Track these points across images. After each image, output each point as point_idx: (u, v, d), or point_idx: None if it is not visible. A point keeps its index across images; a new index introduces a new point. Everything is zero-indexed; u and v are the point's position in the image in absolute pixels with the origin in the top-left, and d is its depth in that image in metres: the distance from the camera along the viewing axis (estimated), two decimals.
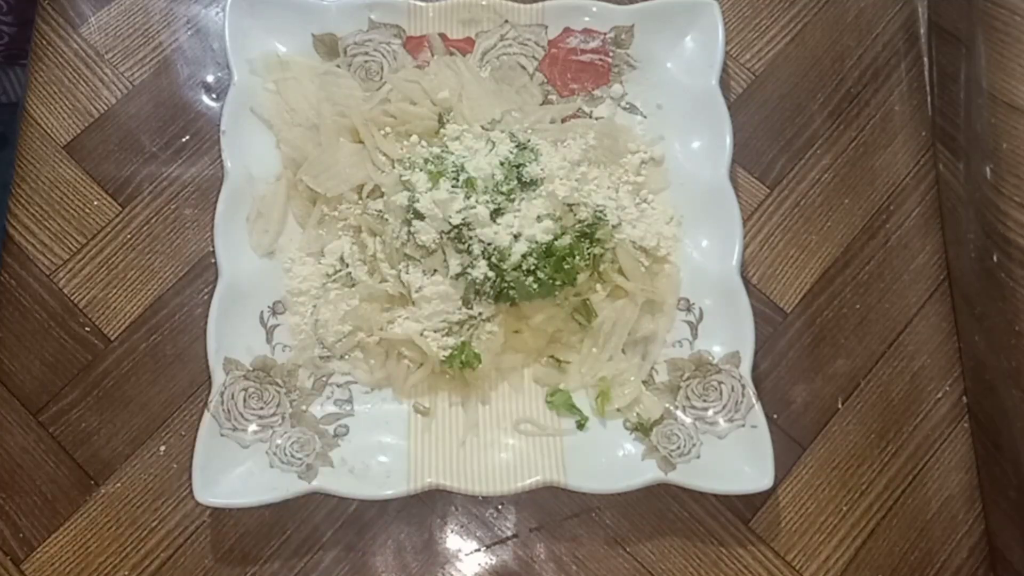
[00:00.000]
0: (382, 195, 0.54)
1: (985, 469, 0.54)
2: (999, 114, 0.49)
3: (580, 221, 0.53)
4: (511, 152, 0.53)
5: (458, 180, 0.51)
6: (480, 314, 0.52)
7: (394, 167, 0.54)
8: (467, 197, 0.51)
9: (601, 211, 0.54)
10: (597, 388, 0.53)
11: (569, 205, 0.53)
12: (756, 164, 0.59)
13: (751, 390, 0.51)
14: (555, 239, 0.51)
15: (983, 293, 0.52)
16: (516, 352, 0.53)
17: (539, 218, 0.51)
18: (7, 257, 0.56)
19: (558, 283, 0.51)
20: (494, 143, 0.53)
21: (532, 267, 0.51)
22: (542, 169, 0.52)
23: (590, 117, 0.58)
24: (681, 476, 0.50)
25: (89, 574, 0.51)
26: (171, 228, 0.57)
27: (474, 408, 0.53)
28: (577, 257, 0.51)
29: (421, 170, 0.52)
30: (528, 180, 0.52)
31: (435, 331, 0.52)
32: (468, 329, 0.52)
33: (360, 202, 0.55)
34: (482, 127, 0.56)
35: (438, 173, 0.51)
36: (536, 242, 0.51)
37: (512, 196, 0.52)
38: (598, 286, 0.53)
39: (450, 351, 0.52)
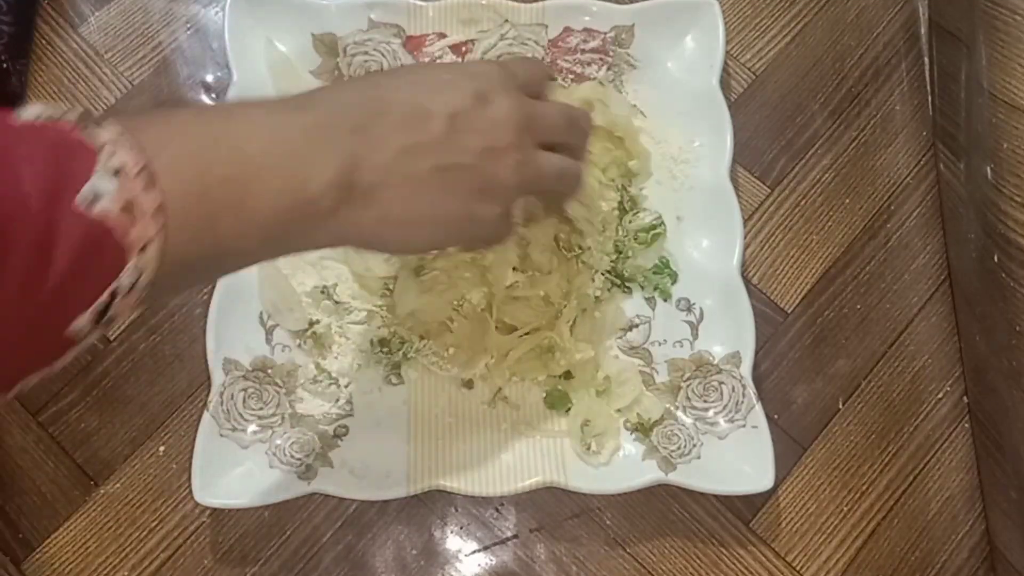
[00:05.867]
0: None
1: (985, 469, 0.53)
2: (1000, 114, 0.49)
3: None
4: None
5: None
6: None
7: None
8: None
9: None
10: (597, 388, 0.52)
11: None
12: (757, 164, 0.59)
13: (752, 390, 0.51)
14: None
15: (984, 293, 0.52)
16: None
17: None
18: None
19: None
20: None
21: None
22: None
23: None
24: (681, 476, 0.50)
25: (89, 574, 0.51)
26: None
27: (474, 408, 0.53)
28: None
29: None
30: None
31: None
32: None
33: None
34: None
35: None
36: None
37: None
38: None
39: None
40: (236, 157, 0.31)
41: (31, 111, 0.28)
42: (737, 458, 0.50)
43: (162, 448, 0.53)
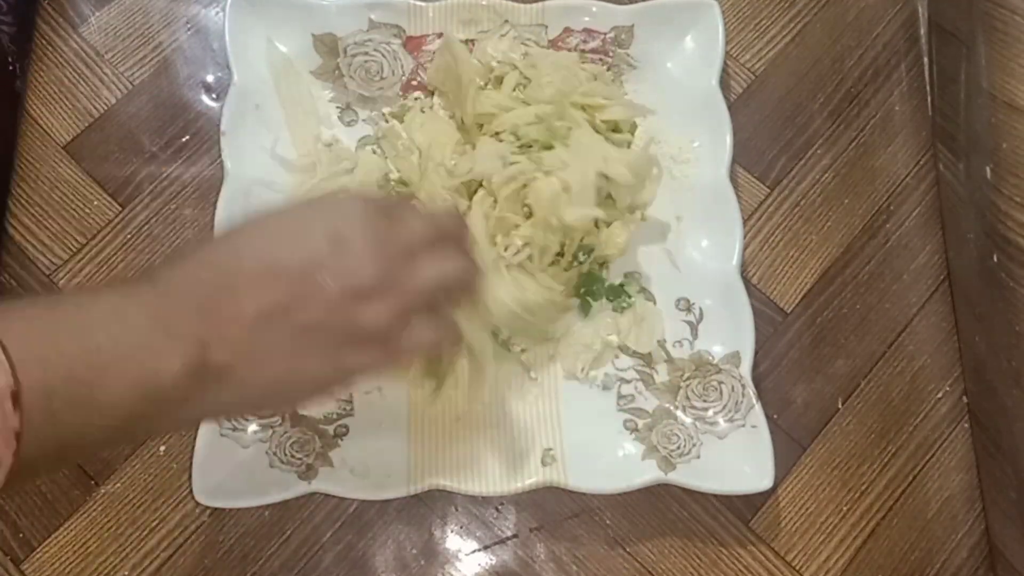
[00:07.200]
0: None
1: (985, 469, 0.54)
2: (999, 114, 0.49)
3: None
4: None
5: None
6: None
7: None
8: None
9: None
10: None
11: None
12: (756, 164, 0.59)
13: (751, 390, 0.51)
14: None
15: (983, 293, 0.52)
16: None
17: None
18: (7, 257, 0.56)
19: None
20: None
21: None
22: None
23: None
24: (681, 476, 0.50)
25: (89, 574, 0.51)
26: (171, 228, 0.57)
27: (474, 408, 0.53)
28: None
29: None
30: None
31: None
32: None
33: None
34: None
35: None
36: None
37: None
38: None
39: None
40: (81, 354, 0.30)
41: None
42: (736, 458, 0.50)
43: (163, 448, 0.53)
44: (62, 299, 0.33)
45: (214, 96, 0.60)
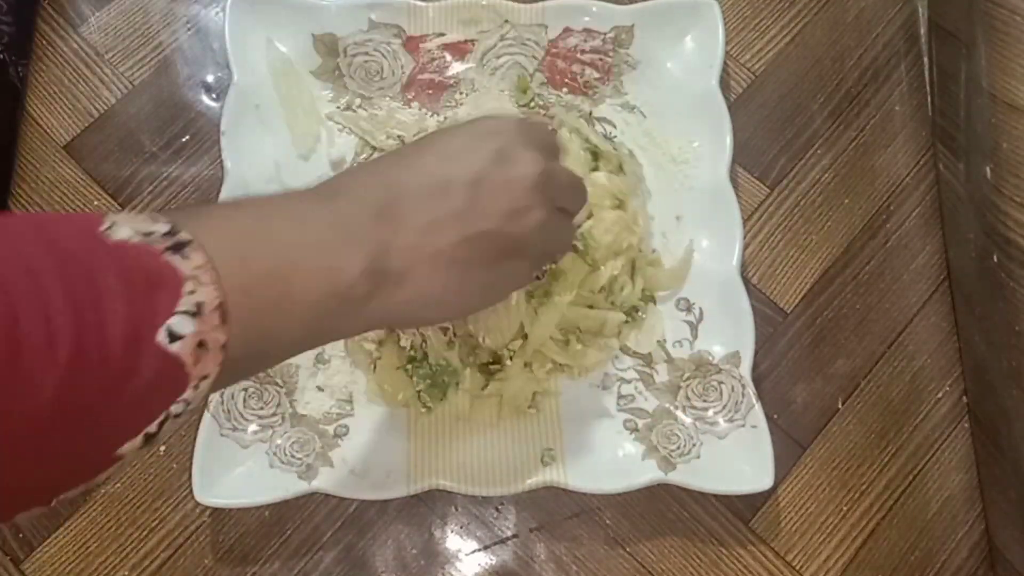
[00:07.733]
0: None
1: (985, 469, 0.54)
2: (999, 114, 0.49)
3: None
4: None
5: None
6: None
7: None
8: None
9: None
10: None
11: None
12: (756, 164, 0.59)
13: (751, 390, 0.51)
14: None
15: (983, 293, 0.52)
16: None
17: None
18: None
19: None
20: None
21: None
22: None
23: (590, 116, 0.58)
24: (681, 476, 0.50)
25: (89, 574, 0.51)
26: None
27: (474, 408, 0.53)
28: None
29: None
30: None
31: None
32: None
33: None
34: None
35: None
36: None
37: None
38: None
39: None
40: (275, 252, 0.32)
41: (123, 229, 0.28)
42: (737, 458, 0.50)
43: (163, 448, 0.53)
44: (243, 205, 0.35)
45: (214, 96, 0.60)
